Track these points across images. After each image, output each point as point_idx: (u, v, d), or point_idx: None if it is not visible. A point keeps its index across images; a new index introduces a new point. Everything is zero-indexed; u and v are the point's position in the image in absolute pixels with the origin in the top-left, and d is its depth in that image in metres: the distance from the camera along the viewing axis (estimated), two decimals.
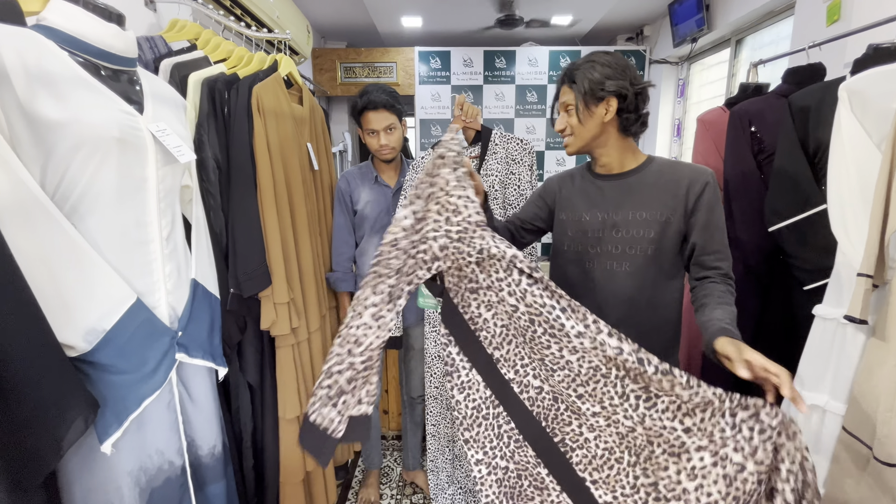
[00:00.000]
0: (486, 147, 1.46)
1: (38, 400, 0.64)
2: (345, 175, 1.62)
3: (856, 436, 1.12)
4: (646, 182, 1.10)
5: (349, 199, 1.60)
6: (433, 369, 1.59)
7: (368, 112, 1.49)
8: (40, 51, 0.73)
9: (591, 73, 1.06)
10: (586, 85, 1.06)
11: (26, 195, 0.70)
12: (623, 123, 1.08)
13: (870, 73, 1.15)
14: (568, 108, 1.11)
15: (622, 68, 1.07)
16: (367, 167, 1.63)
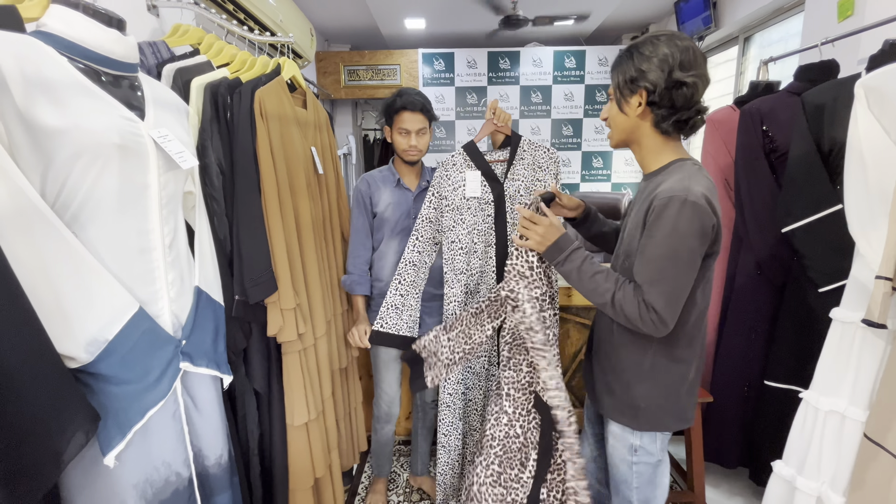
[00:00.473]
0: (515, 152, 1.48)
1: (36, 413, 0.63)
2: (364, 177, 1.60)
3: (880, 444, 1.08)
4: (645, 190, 1.04)
5: (369, 200, 1.59)
6: (450, 377, 1.54)
7: (405, 112, 1.49)
8: (39, 57, 0.71)
9: (631, 62, 0.97)
10: (622, 74, 0.99)
11: (25, 204, 0.68)
12: (656, 120, 0.99)
13: (887, 70, 1.11)
14: (611, 96, 1.06)
15: (665, 57, 0.94)
16: (388, 170, 1.62)
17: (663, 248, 0.92)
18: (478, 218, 1.47)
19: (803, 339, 1.50)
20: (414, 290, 1.54)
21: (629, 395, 1.08)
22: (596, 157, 4.13)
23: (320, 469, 1.42)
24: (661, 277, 0.92)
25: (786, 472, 1.30)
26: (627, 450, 1.11)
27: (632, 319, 0.95)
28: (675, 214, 0.90)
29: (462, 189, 1.46)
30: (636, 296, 0.95)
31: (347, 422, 1.75)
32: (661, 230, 0.92)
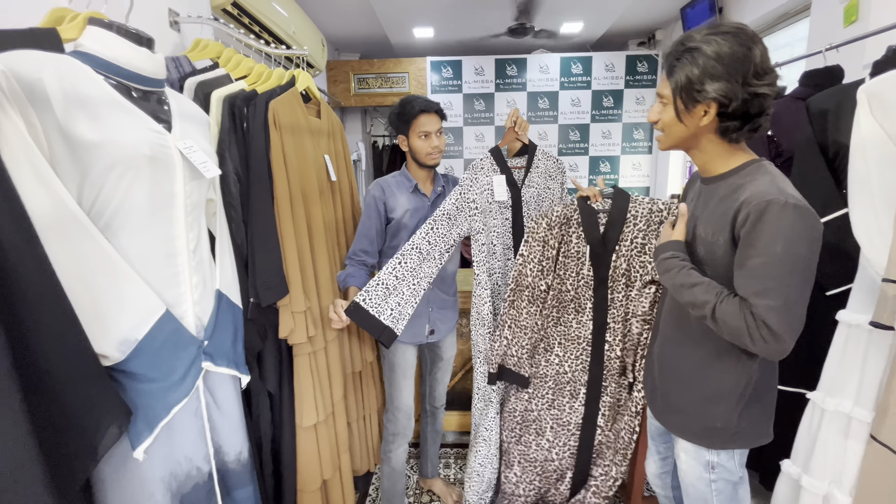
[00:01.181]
0: (531, 161, 1.57)
1: (76, 407, 0.67)
2: (378, 182, 1.57)
3: (886, 444, 1.09)
4: (717, 194, 0.96)
5: (383, 206, 1.55)
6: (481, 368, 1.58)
7: (423, 115, 1.49)
8: (78, 76, 0.77)
9: (693, 66, 0.86)
10: (683, 80, 0.88)
11: (65, 212, 0.74)
12: (723, 129, 0.91)
13: (890, 76, 1.13)
14: (663, 99, 0.96)
15: (736, 62, 0.84)
16: (402, 176, 1.60)
17: (768, 256, 0.82)
18: (497, 221, 1.55)
19: (811, 342, 1.49)
20: (412, 278, 1.46)
21: (703, 414, 1.02)
22: (603, 162, 4.15)
23: (328, 471, 1.45)
24: (770, 289, 0.82)
25: (793, 472, 1.31)
26: (703, 467, 1.06)
27: (739, 335, 0.86)
28: (778, 218, 0.81)
29: (488, 192, 1.53)
30: (742, 309, 0.85)
31: (361, 426, 1.78)
32: (762, 238, 0.82)
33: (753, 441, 1.04)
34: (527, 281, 1.47)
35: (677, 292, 0.97)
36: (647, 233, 1.41)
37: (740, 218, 0.86)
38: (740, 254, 0.87)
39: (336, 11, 3.39)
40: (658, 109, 0.98)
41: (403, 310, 1.47)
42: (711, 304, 0.89)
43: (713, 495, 1.07)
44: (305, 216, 1.39)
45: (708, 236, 0.95)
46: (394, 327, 1.46)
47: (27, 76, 0.70)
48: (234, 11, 2.02)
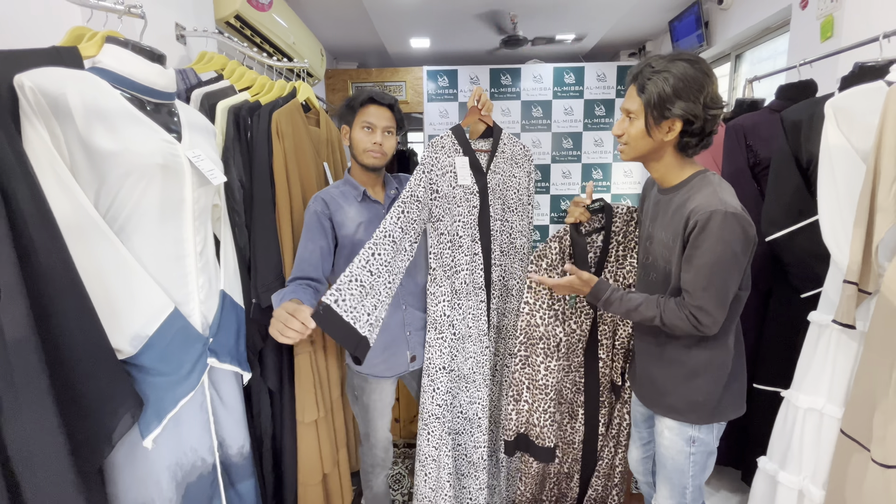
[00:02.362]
0: (497, 144, 1.40)
1: (95, 395, 0.73)
2: (318, 196, 1.31)
3: (854, 438, 1.15)
4: (674, 202, 1.08)
5: (329, 222, 1.29)
6: (437, 383, 1.37)
7: (371, 105, 1.29)
8: (97, 90, 0.83)
9: (665, 85, 0.97)
10: (655, 98, 0.98)
11: (84, 216, 0.80)
12: (682, 144, 1.04)
13: (854, 91, 1.21)
14: (630, 114, 1.06)
15: (699, 86, 0.96)
16: (346, 184, 1.35)
17: (710, 257, 0.98)
18: (463, 208, 1.34)
19: (788, 342, 1.56)
20: (387, 273, 1.20)
21: (686, 391, 1.14)
22: (595, 169, 4.23)
23: (328, 465, 1.50)
24: (711, 283, 0.99)
25: (769, 468, 1.37)
26: (685, 442, 1.17)
27: (684, 329, 1.04)
28: (720, 226, 0.96)
29: (451, 176, 1.33)
30: (681, 308, 1.03)
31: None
32: (706, 241, 0.97)
33: (732, 414, 1.18)
34: (539, 332, 1.35)
35: (628, 316, 1.14)
36: (626, 244, 1.41)
37: (689, 225, 1.01)
38: (688, 254, 1.02)
39: (334, 22, 3.48)
40: (623, 124, 1.09)
41: (379, 315, 1.19)
42: (657, 316, 1.07)
43: (690, 466, 1.18)
44: None
45: (668, 241, 1.09)
46: (369, 337, 1.17)
47: (52, 91, 0.77)
48: (236, 24, 2.10)
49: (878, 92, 1.14)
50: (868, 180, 1.10)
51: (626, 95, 1.08)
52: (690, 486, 1.21)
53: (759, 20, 2.51)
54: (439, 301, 1.36)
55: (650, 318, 1.08)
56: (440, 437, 1.41)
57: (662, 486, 1.26)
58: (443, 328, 1.37)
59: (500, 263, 1.45)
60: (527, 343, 1.36)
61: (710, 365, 1.12)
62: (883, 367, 1.07)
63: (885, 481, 1.06)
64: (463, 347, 1.41)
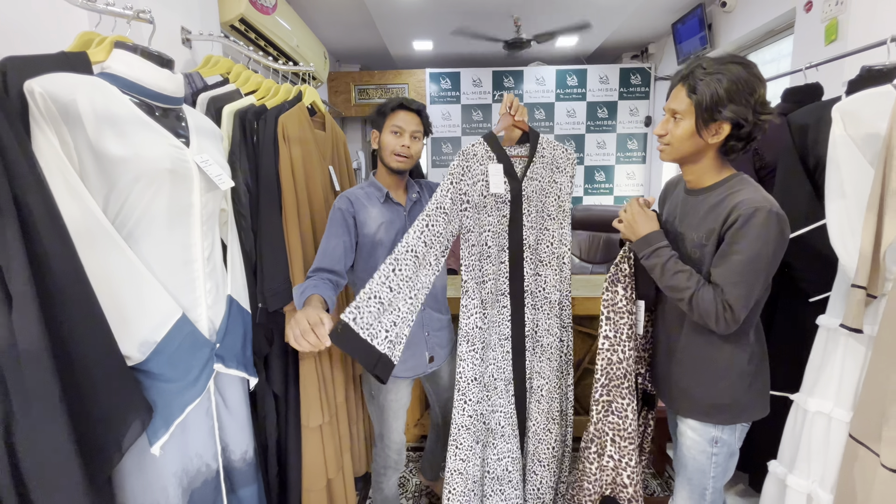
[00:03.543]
0: (535, 149, 1.34)
1: (106, 402, 0.73)
2: (344, 195, 1.37)
3: (863, 443, 1.15)
4: (707, 203, 1.08)
5: (352, 221, 1.34)
6: (468, 395, 1.32)
7: (402, 111, 1.36)
8: (106, 96, 0.83)
9: (718, 87, 0.96)
10: (707, 99, 0.97)
11: (93, 222, 0.80)
12: (726, 148, 1.04)
13: (862, 95, 1.21)
14: (675, 114, 1.04)
15: (751, 89, 0.97)
16: (369, 186, 1.41)
17: (748, 253, 0.98)
18: (493, 217, 1.30)
19: (797, 347, 1.56)
20: (409, 289, 1.19)
21: (711, 392, 1.13)
22: (598, 172, 4.23)
23: (332, 470, 1.50)
24: (742, 280, 0.99)
25: (779, 472, 1.36)
26: (708, 442, 1.16)
27: (706, 317, 1.02)
28: (763, 224, 0.96)
29: (482, 184, 1.28)
30: (716, 296, 1.01)
31: (361, 427, 1.83)
32: (746, 237, 0.97)
33: (757, 414, 1.16)
34: (622, 368, 1.19)
35: (663, 275, 1.09)
36: None
37: (730, 219, 1.00)
38: (725, 249, 1.01)
39: (338, 25, 3.49)
40: (667, 124, 1.08)
41: (400, 331, 1.18)
42: (692, 290, 1.04)
43: (711, 467, 1.17)
44: (311, 225, 1.45)
45: (701, 240, 1.07)
46: (390, 354, 1.17)
47: (62, 97, 0.77)
48: (241, 27, 2.11)
49: (886, 96, 1.14)
50: (877, 185, 1.10)
51: (671, 96, 1.07)
52: (711, 487, 1.20)
53: (763, 23, 2.52)
54: (472, 314, 1.30)
55: (683, 289, 1.04)
56: (470, 447, 1.35)
57: (682, 487, 1.24)
58: (475, 341, 1.31)
59: (539, 273, 1.37)
60: (609, 385, 1.20)
61: (733, 366, 1.11)
62: (891, 372, 1.07)
63: (894, 486, 1.05)
64: (484, 355, 1.35)
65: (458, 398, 1.32)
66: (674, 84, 1.07)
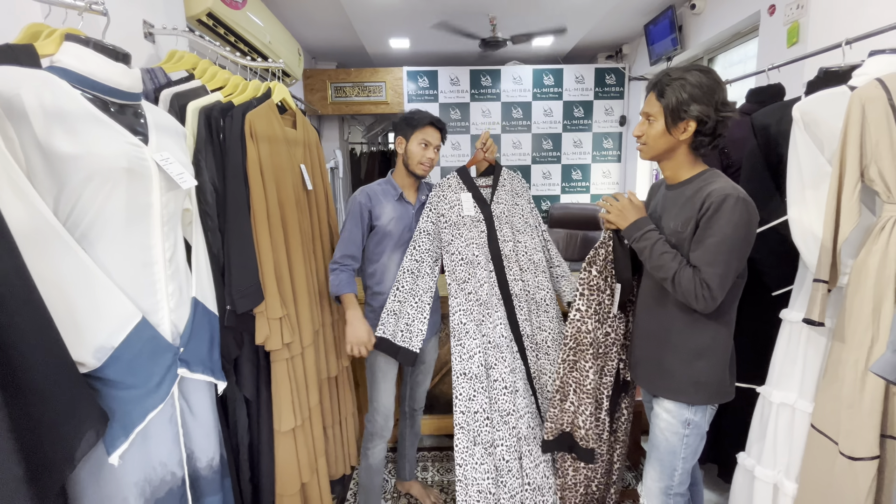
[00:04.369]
0: (498, 180, 1.66)
1: (54, 413, 0.69)
2: (364, 190, 1.60)
3: (823, 432, 1.19)
4: (684, 195, 1.18)
5: (368, 214, 1.57)
6: (458, 390, 1.51)
7: (432, 127, 1.57)
8: (55, 91, 0.79)
9: (681, 91, 1.10)
10: (673, 102, 1.12)
11: (42, 223, 0.76)
12: (695, 144, 1.16)
13: (820, 95, 1.25)
14: (649, 117, 1.18)
15: (711, 92, 1.10)
16: (387, 184, 1.63)
17: (720, 236, 1.08)
18: (473, 233, 1.59)
19: (762, 339, 1.61)
20: (412, 298, 1.54)
21: (691, 371, 1.20)
22: (575, 170, 4.29)
23: (306, 475, 1.47)
24: (717, 261, 1.08)
25: (748, 463, 1.40)
26: (681, 424, 1.23)
27: (686, 295, 1.11)
28: (732, 209, 1.07)
29: (458, 208, 1.59)
30: (694, 276, 1.10)
31: (337, 430, 1.80)
32: (718, 221, 1.07)
33: (726, 396, 1.25)
34: (589, 337, 1.39)
35: (651, 256, 1.18)
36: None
37: (704, 206, 1.11)
38: (700, 234, 1.12)
39: (313, 22, 3.43)
40: (643, 126, 1.21)
41: (413, 327, 1.55)
42: (674, 270, 1.13)
43: (682, 448, 1.25)
44: (282, 224, 1.42)
45: (678, 227, 1.18)
46: (408, 346, 1.54)
47: (5, 92, 0.73)
48: (209, 22, 2.04)
49: (842, 96, 1.18)
50: (834, 183, 1.14)
51: (645, 102, 1.21)
52: (680, 468, 1.26)
53: (730, 25, 2.59)
54: (455, 311, 1.54)
55: (668, 269, 1.13)
56: (465, 448, 1.50)
57: (652, 467, 1.30)
58: (461, 336, 1.53)
59: (521, 279, 1.62)
60: (576, 349, 1.42)
61: (713, 345, 1.19)
62: (848, 363, 1.11)
63: (852, 473, 1.09)
64: (477, 353, 1.53)
65: (453, 395, 1.52)
66: (648, 91, 1.21)
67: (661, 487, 1.29)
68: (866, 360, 1.08)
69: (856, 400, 1.09)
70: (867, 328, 1.08)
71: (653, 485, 1.30)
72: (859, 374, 1.08)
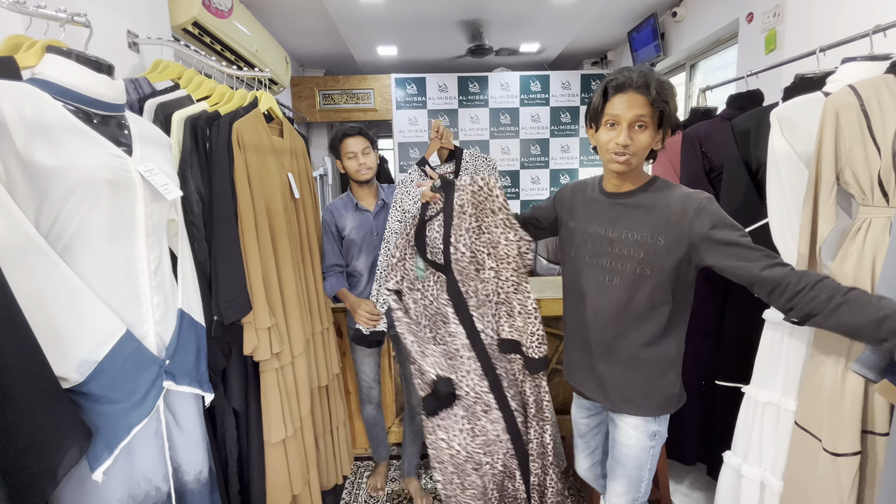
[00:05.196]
0: (460, 164, 1.68)
1: (36, 429, 0.68)
2: (328, 208, 1.80)
3: (807, 429, 1.21)
4: (641, 204, 1.12)
5: (335, 228, 1.77)
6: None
7: (347, 138, 1.72)
8: (36, 103, 0.78)
9: (672, 97, 1.04)
10: (671, 107, 1.03)
11: (22, 237, 0.75)
12: (653, 153, 1.12)
13: (796, 101, 1.29)
14: (642, 124, 1.03)
15: (676, 101, 1.07)
16: (346, 197, 1.82)
17: (736, 227, 1.05)
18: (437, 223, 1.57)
19: (746, 339, 1.63)
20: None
21: (664, 385, 1.18)
22: (563, 175, 4.33)
23: (298, 486, 1.46)
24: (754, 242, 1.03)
25: (734, 462, 1.42)
26: (649, 437, 1.20)
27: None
28: (718, 207, 1.06)
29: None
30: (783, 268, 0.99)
31: (329, 440, 1.79)
32: (724, 219, 1.04)
33: (683, 400, 1.24)
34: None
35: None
36: (478, 215, 1.39)
37: (692, 215, 1.04)
38: (723, 237, 1.03)
39: (300, 30, 3.43)
40: (631, 133, 1.04)
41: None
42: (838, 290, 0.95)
43: (649, 459, 1.24)
44: (270, 234, 1.41)
45: (646, 238, 1.10)
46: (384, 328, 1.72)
47: None
48: (194, 31, 2.04)
49: (817, 102, 1.21)
50: (810, 186, 1.17)
51: (626, 105, 1.02)
52: (647, 478, 1.25)
53: (710, 32, 2.65)
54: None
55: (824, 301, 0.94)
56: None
57: (618, 483, 1.26)
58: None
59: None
60: None
61: (677, 355, 1.19)
62: (829, 361, 1.14)
63: (835, 469, 1.11)
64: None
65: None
66: (620, 90, 1.03)
67: (627, 501, 1.26)
68: (846, 358, 1.10)
69: (837, 397, 1.11)
70: None
71: (618, 500, 1.27)
72: (839, 372, 1.11)
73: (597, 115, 1.08)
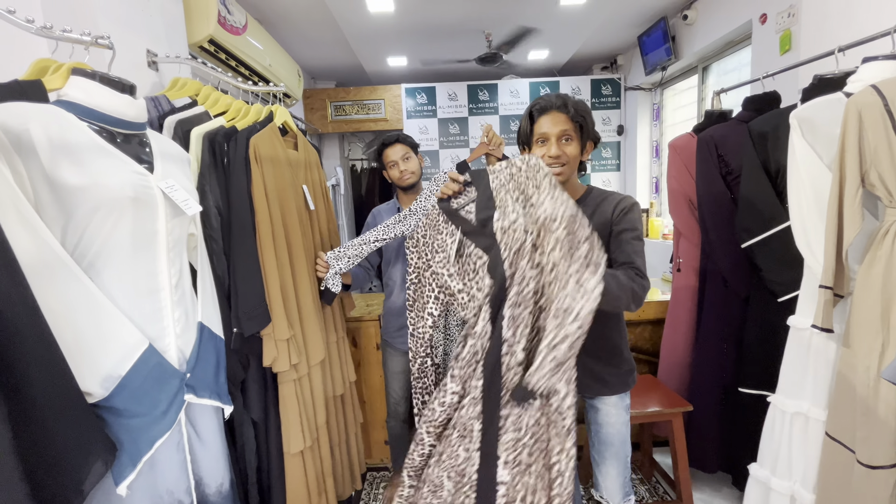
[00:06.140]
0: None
1: (62, 444, 0.69)
2: (372, 212, 1.86)
3: (839, 440, 1.17)
4: (586, 212, 1.16)
5: None
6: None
7: (386, 149, 1.76)
8: (62, 124, 0.81)
9: (588, 114, 1.19)
10: (589, 122, 1.19)
11: (49, 254, 0.76)
12: (582, 164, 1.25)
13: (816, 102, 1.26)
14: (568, 137, 1.18)
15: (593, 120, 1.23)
16: (392, 203, 1.86)
17: (638, 232, 1.16)
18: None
19: (769, 346, 1.60)
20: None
21: (626, 362, 1.27)
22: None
23: (315, 496, 1.45)
24: (642, 252, 1.15)
25: (761, 474, 1.38)
26: (625, 410, 1.27)
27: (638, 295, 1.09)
28: (639, 211, 1.19)
29: None
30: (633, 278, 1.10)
31: (344, 449, 1.78)
32: (633, 221, 1.16)
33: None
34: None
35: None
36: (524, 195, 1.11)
37: (616, 211, 1.18)
38: (620, 234, 1.16)
39: (311, 43, 3.49)
40: (562, 146, 1.18)
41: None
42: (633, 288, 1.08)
43: (627, 431, 1.29)
44: (287, 246, 1.43)
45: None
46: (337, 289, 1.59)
47: (14, 127, 0.74)
48: (210, 48, 2.09)
49: (838, 103, 1.19)
50: (834, 188, 1.14)
51: (551, 121, 1.17)
52: (629, 451, 1.30)
53: (722, 34, 2.62)
54: None
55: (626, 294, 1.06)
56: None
57: (611, 465, 1.28)
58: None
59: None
60: None
61: (624, 334, 1.28)
62: (859, 370, 1.10)
63: (870, 482, 1.07)
64: None
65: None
66: (544, 112, 1.18)
67: (621, 482, 1.29)
68: (878, 366, 1.07)
69: (870, 407, 1.08)
70: (877, 334, 1.07)
71: (614, 483, 1.29)
72: (871, 380, 1.07)
73: (527, 137, 1.23)
